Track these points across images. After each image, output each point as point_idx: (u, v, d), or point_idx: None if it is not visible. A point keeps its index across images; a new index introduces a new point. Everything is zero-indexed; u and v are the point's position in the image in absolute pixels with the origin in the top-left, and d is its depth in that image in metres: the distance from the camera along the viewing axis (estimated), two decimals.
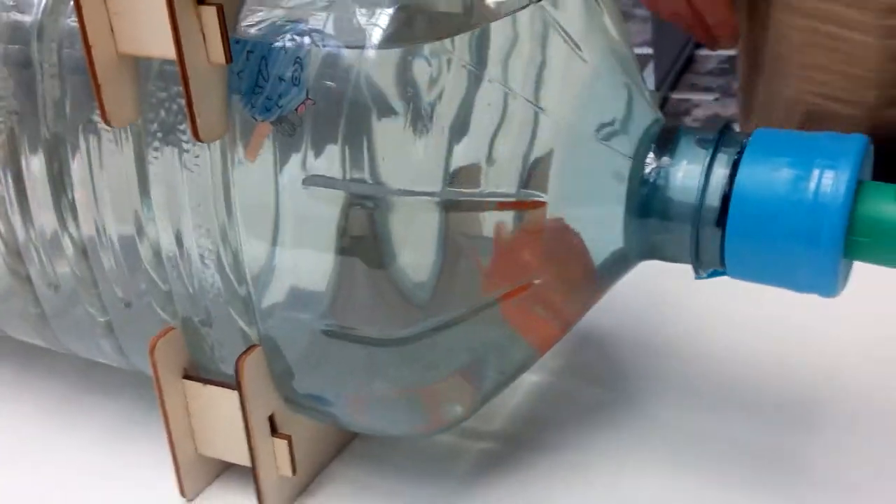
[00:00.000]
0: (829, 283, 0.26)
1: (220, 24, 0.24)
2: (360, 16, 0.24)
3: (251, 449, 0.28)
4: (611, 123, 0.28)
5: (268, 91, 0.25)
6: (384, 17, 0.24)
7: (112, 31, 0.25)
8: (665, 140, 0.28)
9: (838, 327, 0.36)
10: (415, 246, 0.25)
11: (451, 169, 0.25)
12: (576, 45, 0.27)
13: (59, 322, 0.32)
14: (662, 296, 0.38)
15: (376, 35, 0.24)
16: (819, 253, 0.25)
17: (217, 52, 0.24)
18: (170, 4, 0.23)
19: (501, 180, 0.25)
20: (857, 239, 0.25)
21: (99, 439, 0.34)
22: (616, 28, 0.29)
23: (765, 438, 0.33)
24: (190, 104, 0.24)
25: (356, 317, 0.26)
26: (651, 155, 0.27)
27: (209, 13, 0.24)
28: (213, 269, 0.27)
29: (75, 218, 0.29)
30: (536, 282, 0.27)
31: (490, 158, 0.25)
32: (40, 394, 0.37)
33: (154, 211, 0.27)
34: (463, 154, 0.25)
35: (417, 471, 0.32)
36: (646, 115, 0.28)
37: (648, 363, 0.37)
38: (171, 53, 0.24)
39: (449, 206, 0.25)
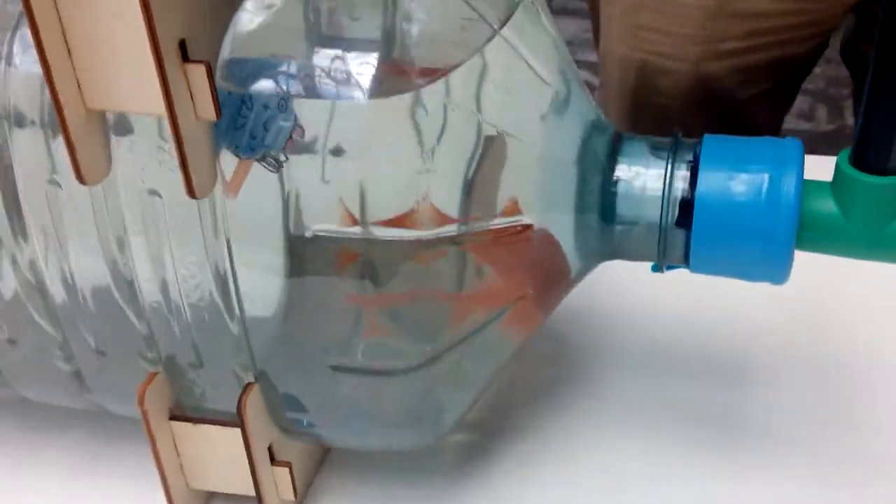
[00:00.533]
0: (782, 273, 0.29)
1: (209, 80, 0.23)
2: (349, 62, 0.24)
3: (256, 481, 0.29)
4: (568, 134, 0.29)
5: (251, 124, 0.25)
6: (371, 65, 0.24)
7: (79, 87, 0.24)
8: (618, 149, 0.29)
9: (762, 294, 0.39)
10: None
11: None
12: (536, 70, 0.28)
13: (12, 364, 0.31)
14: (598, 273, 0.41)
15: (365, 82, 0.24)
16: (775, 248, 0.28)
17: (206, 109, 0.24)
18: (159, 64, 0.22)
19: (484, 212, 0.26)
20: (804, 233, 0.28)
21: (62, 477, 0.34)
22: (551, 24, 0.30)
23: (703, 398, 0.36)
24: (185, 164, 0.24)
25: (365, 353, 0.26)
26: (611, 164, 0.29)
27: (197, 71, 0.23)
28: (205, 311, 0.27)
29: (35, 272, 0.28)
30: (529, 292, 0.28)
31: (471, 194, 0.26)
32: None
33: (132, 254, 0.27)
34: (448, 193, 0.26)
35: (403, 472, 0.33)
36: (593, 121, 0.30)
37: (591, 339, 0.39)
38: (155, 109, 0.23)
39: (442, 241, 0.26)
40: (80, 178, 0.25)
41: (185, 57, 0.23)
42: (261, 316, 0.27)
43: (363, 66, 0.24)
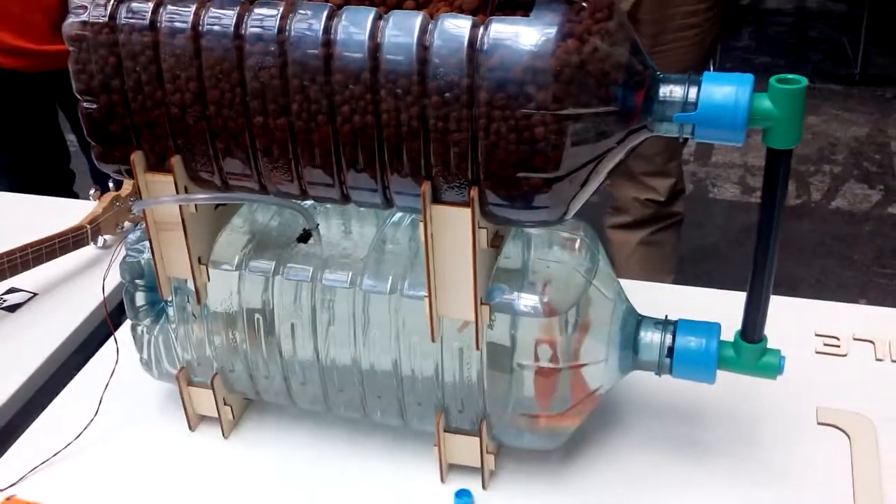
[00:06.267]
0: (711, 379, 0.66)
1: (489, 310, 0.62)
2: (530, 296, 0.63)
3: (483, 464, 0.68)
4: (619, 319, 0.68)
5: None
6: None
7: (436, 310, 0.63)
8: (639, 326, 0.68)
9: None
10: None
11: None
12: (606, 294, 0.67)
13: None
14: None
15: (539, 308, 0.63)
16: (709, 369, 0.66)
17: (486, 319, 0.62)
18: (475, 306, 0.61)
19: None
20: (720, 364, 0.66)
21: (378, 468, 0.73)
22: (606, 261, 0.69)
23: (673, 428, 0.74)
24: (477, 338, 0.62)
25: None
26: (637, 331, 0.67)
27: (485, 307, 0.62)
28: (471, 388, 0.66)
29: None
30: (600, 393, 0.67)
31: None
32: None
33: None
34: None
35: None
36: (627, 308, 0.68)
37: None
38: (470, 318, 0.62)
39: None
40: (432, 337, 0.63)
41: (483, 301, 0.61)
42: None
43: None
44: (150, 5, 0.58)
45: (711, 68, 3.08)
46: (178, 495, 0.71)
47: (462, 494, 0.69)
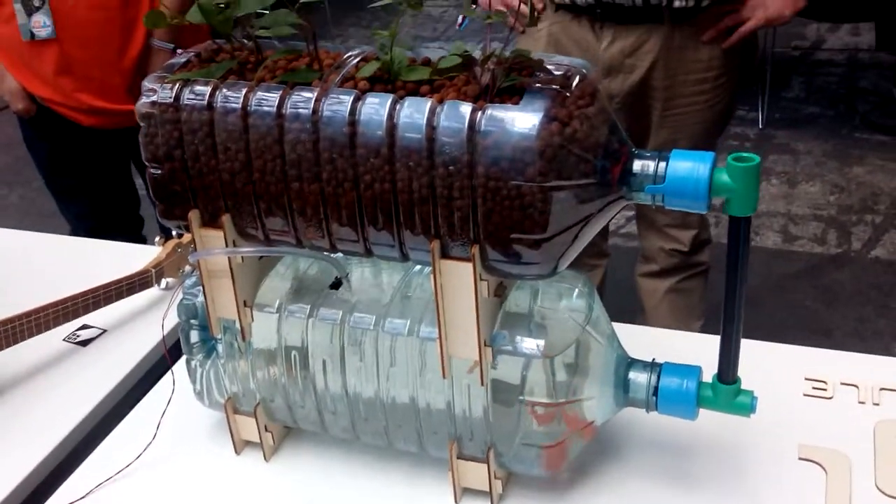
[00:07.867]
0: (693, 416, 0.74)
1: (491, 352, 0.71)
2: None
3: (492, 488, 0.76)
4: (612, 363, 0.76)
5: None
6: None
7: (447, 349, 0.72)
8: (629, 370, 0.76)
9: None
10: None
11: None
12: (599, 339, 0.75)
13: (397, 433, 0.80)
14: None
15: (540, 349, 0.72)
16: (690, 406, 0.74)
17: (488, 359, 0.72)
18: (480, 348, 0.70)
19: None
20: (699, 403, 0.74)
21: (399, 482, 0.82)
22: (602, 310, 0.77)
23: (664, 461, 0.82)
24: (482, 376, 0.71)
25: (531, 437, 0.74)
26: (627, 373, 0.76)
27: (489, 349, 0.71)
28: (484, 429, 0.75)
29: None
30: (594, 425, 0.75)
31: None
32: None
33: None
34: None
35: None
36: (619, 354, 0.77)
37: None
38: (475, 357, 0.71)
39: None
40: (443, 374, 0.73)
41: (486, 343, 0.71)
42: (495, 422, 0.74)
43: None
44: (208, 89, 0.70)
45: (761, 117, 3.15)
46: None
47: None
